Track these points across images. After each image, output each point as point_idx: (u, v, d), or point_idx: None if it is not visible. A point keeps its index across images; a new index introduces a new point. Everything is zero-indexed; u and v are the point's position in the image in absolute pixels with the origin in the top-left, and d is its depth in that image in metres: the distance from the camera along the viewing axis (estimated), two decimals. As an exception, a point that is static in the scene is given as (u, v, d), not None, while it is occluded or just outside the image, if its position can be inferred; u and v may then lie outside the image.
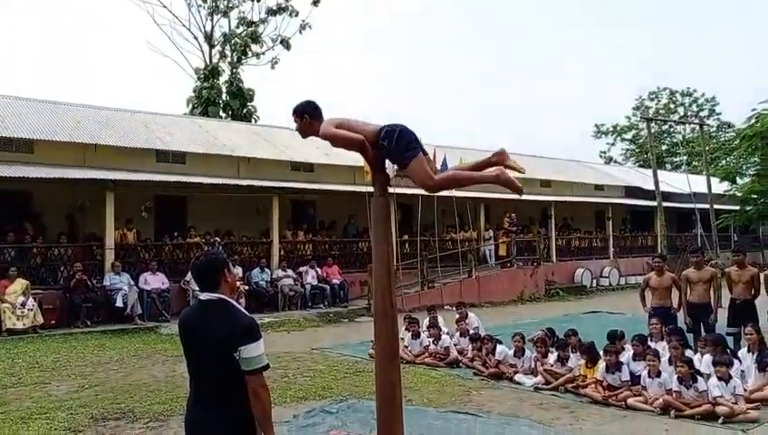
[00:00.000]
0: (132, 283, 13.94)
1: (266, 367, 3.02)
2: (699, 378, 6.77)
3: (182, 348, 3.23)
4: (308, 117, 3.98)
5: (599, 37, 78.36)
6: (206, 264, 3.18)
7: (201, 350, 3.07)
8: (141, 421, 6.53)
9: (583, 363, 7.88)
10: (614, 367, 7.40)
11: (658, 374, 7.03)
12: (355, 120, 4.04)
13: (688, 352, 7.52)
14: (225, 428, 3.01)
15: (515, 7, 79.41)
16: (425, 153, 3.94)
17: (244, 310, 3.22)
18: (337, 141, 3.95)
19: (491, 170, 3.98)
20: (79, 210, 14.76)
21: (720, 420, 6.35)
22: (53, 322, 12.89)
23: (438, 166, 17.17)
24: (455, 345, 9.78)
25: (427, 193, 4.44)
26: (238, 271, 15.30)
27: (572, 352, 8.30)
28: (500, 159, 3.97)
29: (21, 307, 12.23)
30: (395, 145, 3.86)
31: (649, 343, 8.00)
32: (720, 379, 6.70)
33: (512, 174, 3.97)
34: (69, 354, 10.37)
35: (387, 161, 4.19)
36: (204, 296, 3.15)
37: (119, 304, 13.46)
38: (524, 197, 23.03)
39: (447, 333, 10.08)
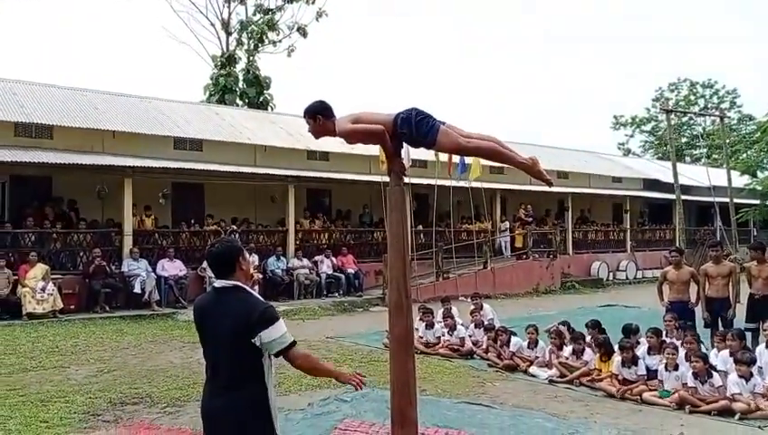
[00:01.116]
0: (150, 269, 14.08)
1: (294, 343, 3.08)
2: (714, 374, 6.71)
3: (197, 334, 3.25)
4: (321, 118, 3.97)
5: (619, 28, 77.40)
6: (221, 251, 3.19)
7: (217, 336, 3.10)
8: (159, 406, 6.61)
9: (598, 357, 7.84)
10: (630, 362, 7.36)
11: (676, 368, 6.99)
12: (366, 112, 4.03)
13: (701, 348, 7.46)
14: (241, 414, 3.04)
15: (535, -4, 78.52)
16: (442, 123, 3.94)
17: (259, 296, 3.25)
18: (356, 136, 3.95)
19: (525, 158, 3.99)
20: (98, 196, 14.89)
21: (736, 417, 6.30)
22: (72, 306, 13.08)
23: (456, 158, 17.26)
24: (469, 337, 9.78)
25: (441, 183, 4.48)
26: (254, 259, 15.41)
27: (588, 345, 8.29)
28: (533, 163, 4.00)
29: (41, 292, 12.40)
30: (415, 130, 3.86)
31: (664, 337, 7.93)
32: (741, 377, 6.62)
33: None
34: (88, 339, 10.52)
35: (403, 151, 4.19)
36: (219, 284, 3.16)
37: (137, 289, 13.61)
38: (541, 188, 23.07)
39: (462, 325, 10.08)
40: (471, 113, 69.97)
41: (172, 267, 14.46)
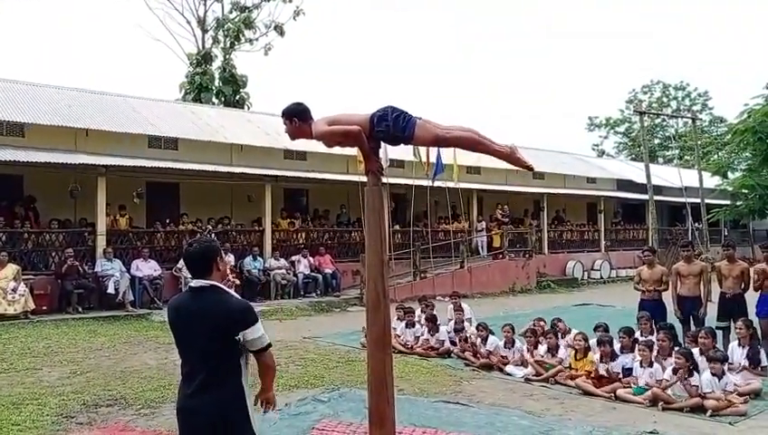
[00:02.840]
0: (124, 269, 13.90)
1: (270, 344, 3.16)
2: (695, 373, 6.77)
3: (172, 334, 3.23)
4: (297, 120, 3.98)
5: (594, 29, 78.30)
6: (198, 251, 3.20)
7: (194, 335, 3.09)
8: (133, 408, 6.53)
9: (572, 354, 7.94)
10: (608, 357, 7.46)
11: (651, 365, 7.09)
12: (343, 114, 4.04)
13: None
14: (219, 413, 3.02)
15: (511, -2, 79.11)
16: (418, 118, 3.96)
17: (235, 294, 3.28)
18: (333, 138, 3.95)
19: (504, 146, 4.01)
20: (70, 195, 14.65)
21: (708, 413, 6.42)
22: (45, 308, 12.84)
23: (433, 158, 17.31)
24: (448, 333, 9.82)
25: (417, 183, 4.47)
26: (230, 259, 15.29)
27: (561, 337, 8.43)
28: (512, 150, 4.03)
29: (12, 293, 12.16)
30: (393, 126, 3.88)
31: (638, 336, 8.05)
32: (714, 375, 6.74)
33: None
34: (60, 340, 10.35)
35: (380, 151, 4.20)
36: (195, 283, 3.16)
37: (110, 290, 13.42)
38: (517, 188, 23.34)
39: (440, 324, 10.10)
40: (444, 112, 70.27)
41: (147, 267, 14.28)
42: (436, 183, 18.15)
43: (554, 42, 78.22)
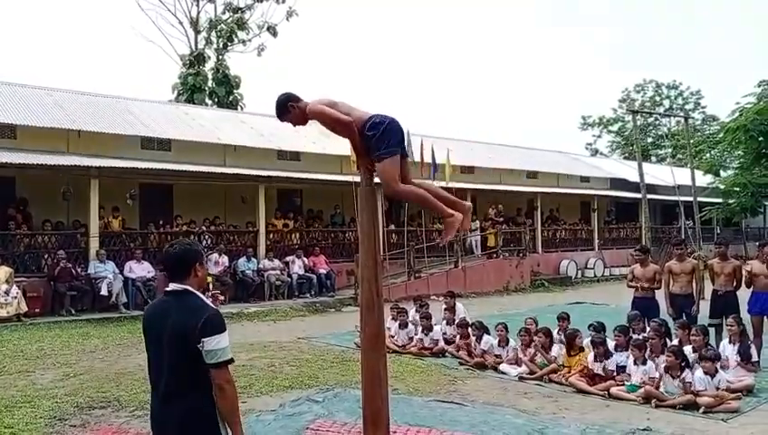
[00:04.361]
0: (117, 271, 13.85)
1: (231, 361, 2.90)
2: (687, 370, 6.81)
3: (143, 339, 3.11)
4: (292, 104, 3.95)
5: (586, 27, 78.55)
6: (178, 253, 3.07)
7: (158, 342, 2.95)
8: (127, 410, 6.51)
9: (565, 353, 7.96)
10: (602, 356, 7.49)
11: (644, 362, 7.13)
12: (345, 103, 3.99)
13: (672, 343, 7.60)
14: (184, 423, 2.89)
15: (504, -2, 79.26)
16: (405, 155, 3.90)
17: (208, 301, 3.07)
18: (324, 119, 3.86)
19: (454, 212, 3.95)
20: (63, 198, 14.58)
21: (701, 410, 6.45)
22: (37, 310, 12.79)
23: (428, 158, 17.33)
24: (443, 334, 9.83)
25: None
26: (224, 260, 15.29)
27: (559, 333, 8.49)
28: (462, 210, 3.99)
29: (4, 295, 12.11)
30: (378, 137, 3.79)
31: (632, 334, 8.08)
32: (706, 373, 6.78)
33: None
34: (53, 343, 10.31)
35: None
36: (171, 287, 3.03)
37: (103, 292, 13.37)
38: (510, 187, 23.35)
39: (435, 324, 10.11)
40: (439, 113, 70.36)
41: (140, 269, 14.24)
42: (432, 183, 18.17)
43: (546, 45, 78.43)
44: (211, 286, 14.06)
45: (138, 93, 31.74)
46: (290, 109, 3.95)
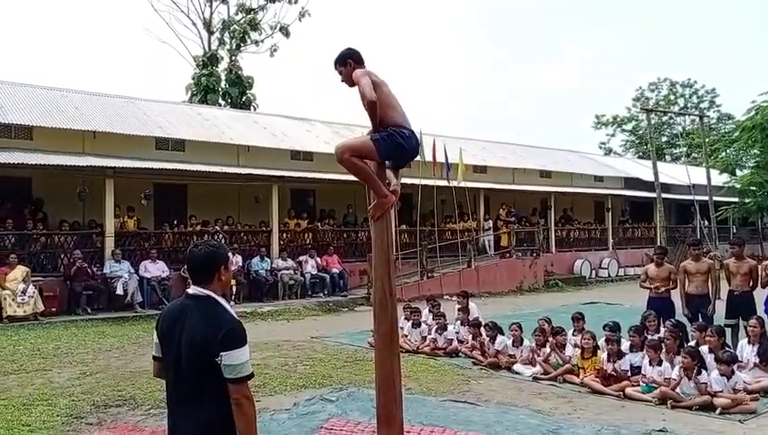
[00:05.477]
0: (132, 271, 13.96)
1: (251, 376, 2.75)
2: (704, 371, 6.73)
3: (159, 343, 2.91)
4: (352, 61, 4.03)
5: (601, 27, 78.06)
6: (203, 256, 2.87)
7: (179, 348, 2.78)
8: (143, 408, 6.56)
9: (579, 353, 7.92)
10: (615, 355, 7.44)
11: (660, 363, 7.07)
12: (387, 88, 4.07)
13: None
14: (199, 432, 2.77)
15: (516, -4, 78.98)
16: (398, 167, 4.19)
17: (231, 310, 2.88)
18: (359, 88, 3.94)
19: (388, 193, 4.10)
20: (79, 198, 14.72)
21: (717, 411, 6.39)
22: (54, 309, 12.92)
23: (441, 158, 17.33)
24: (456, 333, 9.80)
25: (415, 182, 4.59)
26: (238, 260, 15.35)
27: (574, 334, 8.47)
28: (394, 191, 4.16)
29: (21, 294, 12.24)
30: (387, 143, 3.96)
31: (647, 334, 8.02)
32: (722, 374, 6.71)
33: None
34: (70, 342, 10.42)
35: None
36: (192, 290, 2.86)
37: (119, 291, 13.49)
38: (524, 187, 23.28)
39: (449, 323, 10.08)
40: (452, 112, 70.24)
41: (155, 269, 14.34)
42: (443, 183, 18.15)
43: (560, 43, 78.04)
44: (234, 289, 14.19)
45: (152, 94, 32.02)
46: (347, 63, 4.03)
